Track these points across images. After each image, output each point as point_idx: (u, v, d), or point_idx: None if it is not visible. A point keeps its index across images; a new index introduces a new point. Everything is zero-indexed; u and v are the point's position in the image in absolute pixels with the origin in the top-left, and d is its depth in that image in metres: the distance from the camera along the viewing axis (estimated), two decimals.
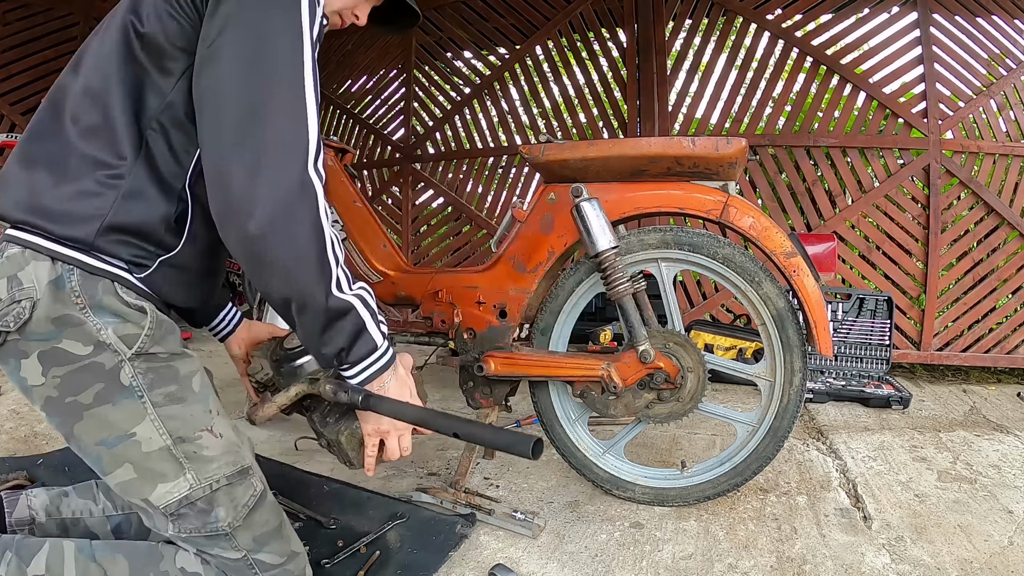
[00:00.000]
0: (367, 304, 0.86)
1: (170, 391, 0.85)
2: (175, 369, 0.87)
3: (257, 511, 0.90)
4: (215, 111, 0.78)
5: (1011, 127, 2.85)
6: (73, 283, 0.80)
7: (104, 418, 0.82)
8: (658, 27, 3.22)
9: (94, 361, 0.80)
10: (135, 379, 0.82)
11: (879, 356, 2.65)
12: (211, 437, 0.87)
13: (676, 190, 1.32)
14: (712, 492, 1.42)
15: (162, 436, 0.83)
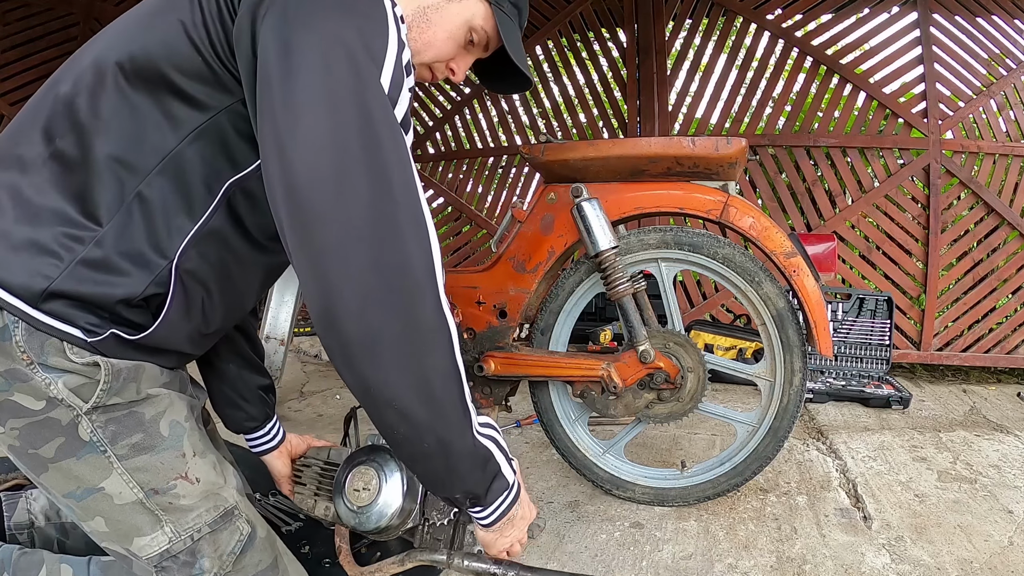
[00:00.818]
0: (498, 442, 0.79)
1: (135, 441, 0.75)
2: (139, 415, 0.76)
3: (247, 554, 0.82)
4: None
5: (1011, 127, 2.85)
6: (18, 337, 0.69)
7: (69, 471, 0.74)
8: (658, 27, 3.22)
9: (49, 416, 0.72)
10: (94, 433, 0.73)
11: (879, 356, 2.65)
12: (186, 484, 0.78)
13: (676, 190, 1.32)
14: (712, 492, 1.42)
15: (132, 490, 0.75)
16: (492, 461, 0.77)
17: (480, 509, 0.81)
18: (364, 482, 0.94)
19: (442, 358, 0.69)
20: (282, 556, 0.88)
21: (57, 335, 0.70)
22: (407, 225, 0.66)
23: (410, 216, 0.66)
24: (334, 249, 0.62)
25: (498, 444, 0.79)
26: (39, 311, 0.69)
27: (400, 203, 0.66)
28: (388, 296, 0.64)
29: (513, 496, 0.83)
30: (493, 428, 0.80)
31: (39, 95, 0.74)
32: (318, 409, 2.23)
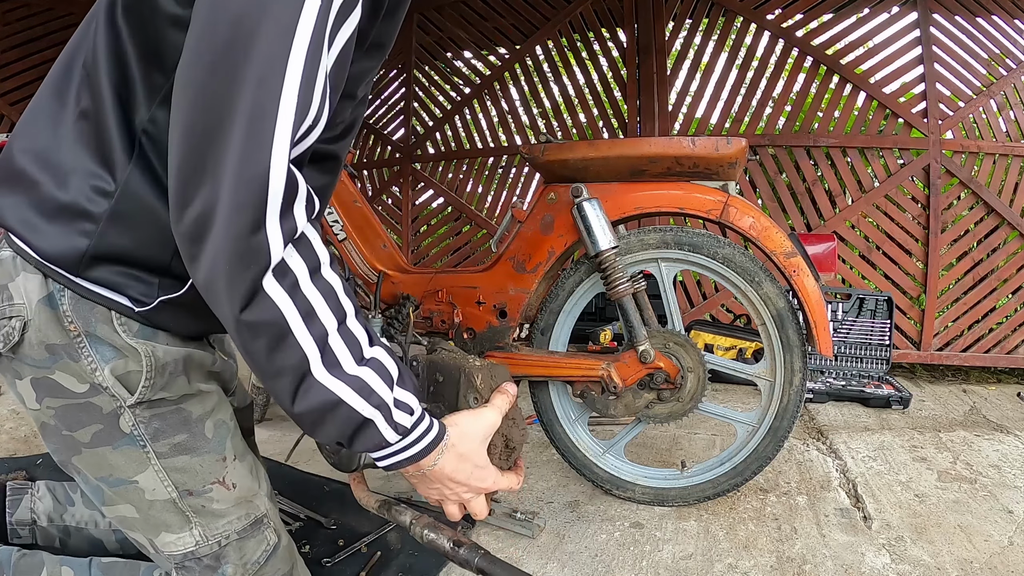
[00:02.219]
0: (366, 388, 0.62)
1: (178, 441, 0.74)
2: (185, 414, 0.75)
3: (269, 563, 0.81)
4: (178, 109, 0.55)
5: (1011, 127, 2.85)
6: (65, 305, 0.67)
7: (104, 458, 0.73)
8: (658, 27, 3.22)
9: (90, 402, 0.70)
10: (136, 428, 0.72)
11: (879, 356, 2.65)
12: (222, 489, 0.77)
13: (676, 190, 1.32)
14: (712, 492, 1.42)
15: (167, 488, 0.74)
16: (342, 409, 0.61)
17: (379, 456, 0.68)
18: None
19: (255, 279, 0.54)
20: (297, 563, 0.87)
21: (104, 303, 0.68)
22: (240, 122, 0.51)
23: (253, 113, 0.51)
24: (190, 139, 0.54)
25: (366, 389, 0.62)
26: (84, 279, 0.67)
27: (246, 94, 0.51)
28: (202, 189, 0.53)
29: (410, 456, 0.67)
30: (379, 362, 0.64)
31: (60, 60, 0.71)
32: None
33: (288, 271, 0.56)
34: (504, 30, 3.61)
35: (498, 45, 3.70)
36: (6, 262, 0.69)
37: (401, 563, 1.16)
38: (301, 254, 0.58)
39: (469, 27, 3.69)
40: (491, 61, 3.74)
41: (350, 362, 0.61)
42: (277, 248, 0.54)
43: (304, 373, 0.58)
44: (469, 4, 3.65)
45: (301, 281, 0.57)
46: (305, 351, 0.58)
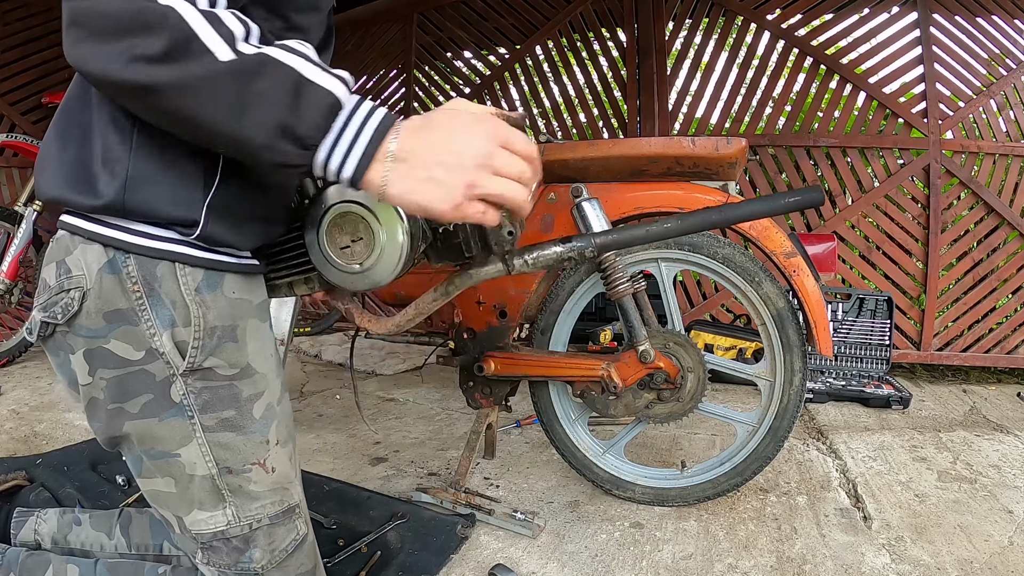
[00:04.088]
0: (290, 48, 0.60)
1: (225, 417, 0.74)
2: (236, 391, 0.74)
3: (295, 555, 0.81)
4: None
5: (1011, 127, 2.85)
6: (129, 267, 0.67)
7: (149, 431, 0.72)
8: (658, 27, 3.22)
9: (144, 369, 0.70)
10: (186, 397, 0.71)
11: (879, 356, 2.65)
12: (261, 472, 0.77)
13: (676, 190, 1.32)
14: (712, 492, 1.42)
15: (208, 464, 0.73)
16: (272, 67, 0.57)
17: (326, 155, 0.59)
18: (350, 233, 0.75)
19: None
20: (319, 563, 0.87)
21: (166, 256, 0.68)
22: None
23: None
24: None
25: (290, 49, 0.60)
26: (136, 234, 0.67)
27: None
28: None
29: (363, 116, 0.59)
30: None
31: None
32: (318, 409, 2.23)
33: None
34: (504, 30, 3.61)
35: (498, 45, 3.70)
36: (62, 240, 0.70)
37: (401, 562, 1.16)
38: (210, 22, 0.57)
39: (469, 27, 3.69)
40: (491, 61, 3.74)
41: (291, 59, 0.59)
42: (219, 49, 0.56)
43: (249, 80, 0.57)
44: (469, 4, 3.65)
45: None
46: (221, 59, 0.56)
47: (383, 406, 2.31)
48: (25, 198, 2.67)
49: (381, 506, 1.37)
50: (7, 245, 2.60)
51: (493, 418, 1.54)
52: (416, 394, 2.47)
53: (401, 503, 1.38)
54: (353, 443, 1.88)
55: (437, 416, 2.19)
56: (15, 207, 2.66)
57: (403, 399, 2.41)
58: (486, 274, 0.78)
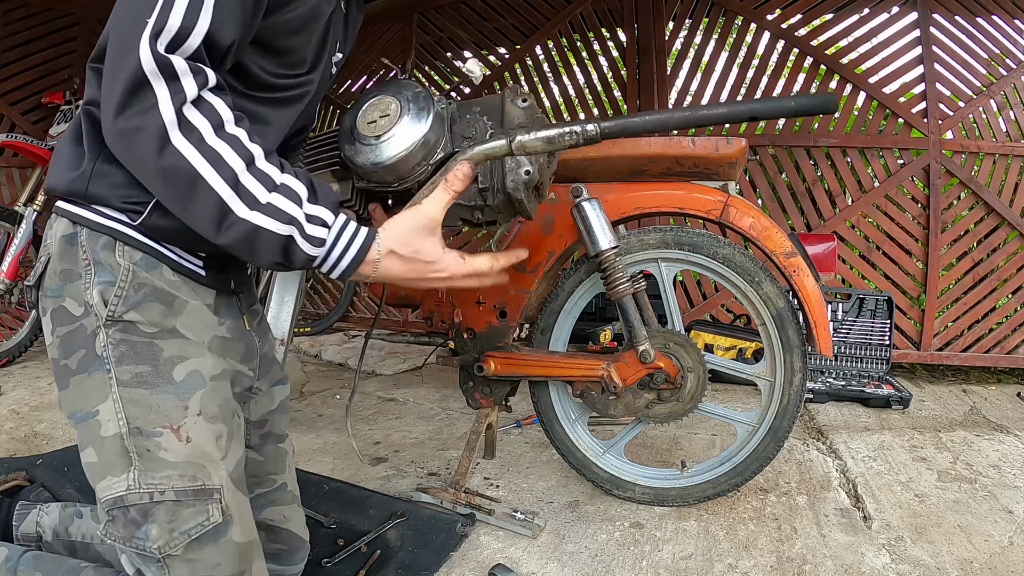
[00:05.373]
0: (276, 210, 0.69)
1: (140, 371, 0.73)
2: (156, 349, 0.74)
3: (206, 547, 0.73)
4: None
5: (1011, 127, 2.85)
6: (82, 237, 0.75)
7: (80, 388, 0.74)
8: (658, 27, 3.22)
9: (82, 324, 0.74)
10: (106, 349, 0.73)
11: (879, 356, 2.65)
12: (173, 438, 0.73)
13: (676, 190, 1.32)
14: (712, 492, 1.42)
15: (119, 421, 0.72)
16: (262, 234, 0.69)
17: (323, 267, 0.75)
18: (380, 110, 0.84)
19: (161, 135, 0.65)
20: (253, 572, 0.78)
21: (110, 233, 0.74)
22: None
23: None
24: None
25: (276, 209, 0.69)
26: (92, 210, 0.75)
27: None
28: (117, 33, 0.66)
29: (346, 264, 0.74)
30: (285, 191, 0.71)
31: None
32: (318, 409, 2.23)
33: (193, 128, 0.65)
34: (504, 30, 3.61)
35: (498, 45, 3.70)
36: (50, 221, 0.80)
37: (401, 561, 1.16)
38: (203, 113, 0.66)
39: (469, 27, 3.69)
40: (491, 61, 3.74)
41: (263, 192, 0.69)
42: (167, 109, 0.64)
43: (222, 210, 0.67)
44: (469, 4, 3.65)
45: (206, 135, 0.66)
46: (218, 191, 0.66)
47: (383, 406, 2.31)
48: (25, 198, 2.67)
49: (381, 505, 1.37)
50: (7, 245, 2.60)
51: (493, 418, 1.54)
52: (416, 394, 2.47)
53: (400, 502, 1.38)
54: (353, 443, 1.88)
55: (437, 416, 2.19)
56: (15, 207, 2.66)
57: (403, 399, 2.41)
58: (490, 150, 0.80)
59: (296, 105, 0.83)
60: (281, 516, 0.98)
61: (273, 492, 0.98)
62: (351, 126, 0.84)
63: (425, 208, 0.78)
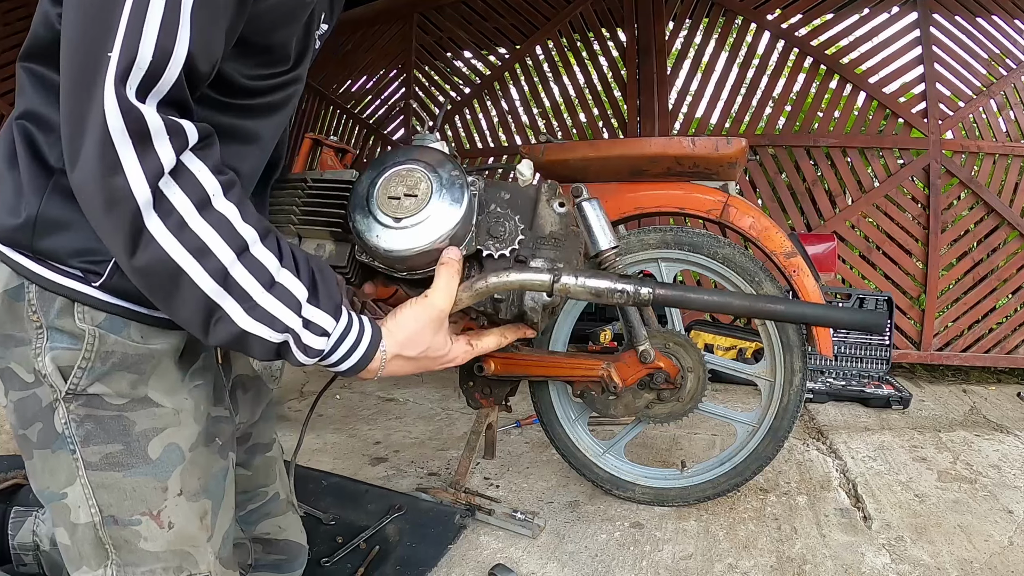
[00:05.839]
0: (269, 317, 0.58)
1: (110, 451, 0.62)
2: (125, 423, 0.63)
3: None
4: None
5: (1011, 127, 2.85)
6: (31, 296, 0.62)
7: (45, 464, 0.64)
8: (658, 27, 3.22)
9: (35, 393, 0.63)
10: (68, 426, 0.62)
11: (879, 356, 2.65)
12: (153, 525, 0.64)
13: (676, 190, 1.32)
14: (712, 492, 1.42)
15: (90, 509, 0.63)
16: (253, 339, 0.59)
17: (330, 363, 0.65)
18: (408, 185, 0.70)
19: (134, 221, 0.52)
20: None
21: (66, 293, 0.61)
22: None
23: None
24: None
25: (269, 315, 0.59)
26: (43, 264, 0.61)
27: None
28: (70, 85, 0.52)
29: (346, 369, 0.65)
30: (281, 292, 0.59)
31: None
32: (318, 409, 2.22)
33: (172, 209, 0.53)
34: (504, 30, 3.61)
35: (498, 45, 3.69)
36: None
37: (400, 556, 1.16)
38: (184, 188, 0.54)
39: (469, 27, 3.69)
40: (491, 61, 3.74)
41: (257, 290, 0.58)
42: (141, 187, 0.51)
43: (208, 309, 0.56)
44: (469, 4, 3.65)
45: (188, 217, 0.54)
46: (203, 288, 0.55)
47: (383, 406, 2.31)
48: None
49: (379, 499, 1.37)
50: None
51: (493, 418, 1.54)
52: (416, 394, 2.47)
53: (398, 495, 1.39)
54: (353, 443, 1.88)
55: (437, 416, 2.19)
56: None
57: (403, 399, 2.41)
58: (529, 283, 0.68)
59: (283, 111, 0.70)
60: (276, 527, 0.95)
61: (266, 505, 0.94)
62: (367, 193, 0.71)
63: (433, 300, 0.68)
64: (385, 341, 0.67)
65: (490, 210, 0.75)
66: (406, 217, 0.68)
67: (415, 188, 0.69)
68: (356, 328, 0.65)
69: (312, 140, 1.39)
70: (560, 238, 0.75)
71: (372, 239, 0.69)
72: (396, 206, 0.68)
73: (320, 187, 0.81)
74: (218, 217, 0.56)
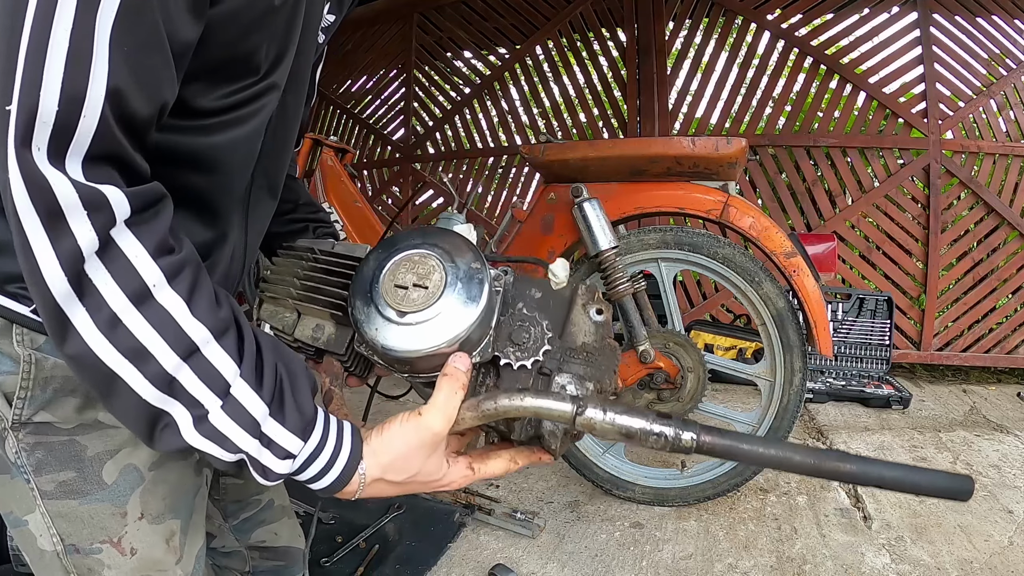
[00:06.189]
0: (219, 436, 0.49)
1: (64, 479, 0.59)
2: (77, 448, 0.60)
3: None
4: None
5: (1011, 127, 2.86)
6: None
7: (3, 489, 0.61)
8: (658, 27, 3.22)
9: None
10: (19, 455, 0.58)
11: (879, 356, 2.65)
12: (115, 552, 0.61)
13: (676, 190, 1.32)
14: (712, 492, 1.42)
15: (52, 539, 0.60)
16: (204, 453, 0.50)
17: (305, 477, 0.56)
18: (418, 274, 0.60)
19: (55, 309, 0.43)
20: None
21: (4, 315, 0.55)
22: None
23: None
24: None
25: (219, 435, 0.50)
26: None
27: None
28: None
29: (319, 489, 0.55)
30: (234, 409, 0.50)
31: None
32: None
33: (102, 303, 0.44)
34: (504, 30, 3.62)
35: (498, 45, 3.70)
36: None
37: (399, 555, 1.16)
38: (116, 276, 0.44)
39: (469, 27, 3.69)
40: (491, 61, 3.74)
41: (209, 398, 0.49)
42: (55, 276, 0.42)
43: (151, 417, 0.48)
44: (469, 4, 3.65)
45: (122, 314, 0.45)
46: (143, 396, 0.47)
47: (383, 406, 2.31)
48: None
49: None
50: None
51: None
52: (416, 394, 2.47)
53: None
54: None
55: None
56: None
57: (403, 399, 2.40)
58: (548, 411, 0.56)
59: (248, 124, 0.58)
60: (272, 534, 0.93)
61: (260, 512, 0.91)
62: (372, 277, 0.61)
63: (428, 421, 0.58)
64: (366, 462, 0.57)
65: (516, 310, 0.64)
66: (412, 312, 0.58)
67: (426, 278, 0.59)
68: (331, 446, 0.55)
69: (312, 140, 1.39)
70: (593, 352, 0.65)
71: (371, 332, 0.59)
72: (402, 297, 0.58)
73: (327, 261, 0.73)
74: (160, 314, 0.46)
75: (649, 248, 1.36)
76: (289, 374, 0.54)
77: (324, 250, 0.75)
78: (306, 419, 0.53)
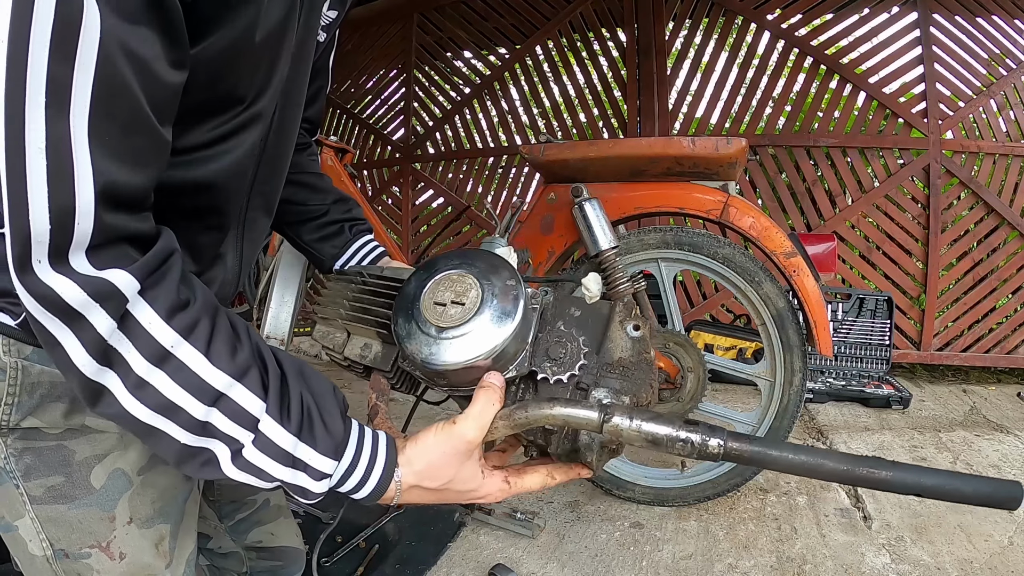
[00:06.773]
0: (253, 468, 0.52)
1: (52, 484, 0.60)
2: (66, 452, 0.61)
3: None
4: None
5: (1011, 127, 2.86)
6: None
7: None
8: (658, 27, 3.22)
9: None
10: (7, 461, 0.60)
11: (879, 356, 2.65)
12: (104, 557, 0.62)
13: (676, 190, 1.33)
14: (712, 492, 1.42)
15: (42, 543, 0.61)
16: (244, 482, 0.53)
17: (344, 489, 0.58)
18: (456, 292, 0.64)
19: (81, 377, 0.46)
20: None
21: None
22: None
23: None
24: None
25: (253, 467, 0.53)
26: None
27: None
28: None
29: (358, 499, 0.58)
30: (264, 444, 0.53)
31: None
32: None
33: (129, 370, 0.47)
34: (504, 30, 3.62)
35: (498, 45, 3.70)
36: None
37: (399, 554, 1.16)
38: (137, 344, 0.46)
39: (469, 27, 3.69)
40: (491, 61, 3.74)
41: (241, 433, 0.52)
42: (83, 360, 0.45)
43: (193, 453, 0.51)
44: (469, 4, 3.65)
45: (147, 376, 0.47)
46: (182, 441, 0.50)
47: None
48: None
49: None
50: None
51: None
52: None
53: None
54: None
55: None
56: None
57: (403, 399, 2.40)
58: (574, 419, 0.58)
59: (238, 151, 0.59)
60: (269, 535, 0.93)
61: (256, 513, 0.92)
62: (413, 295, 0.65)
63: (462, 430, 0.59)
64: (401, 470, 0.59)
65: (554, 327, 0.66)
66: (448, 328, 0.61)
67: (463, 296, 0.63)
68: (366, 459, 0.57)
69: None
70: (629, 367, 0.66)
71: (411, 347, 0.63)
72: (440, 313, 0.62)
73: (374, 283, 0.77)
74: (182, 370, 0.49)
75: (649, 248, 1.36)
76: (316, 397, 0.56)
77: (372, 273, 0.79)
78: (336, 440, 0.55)
